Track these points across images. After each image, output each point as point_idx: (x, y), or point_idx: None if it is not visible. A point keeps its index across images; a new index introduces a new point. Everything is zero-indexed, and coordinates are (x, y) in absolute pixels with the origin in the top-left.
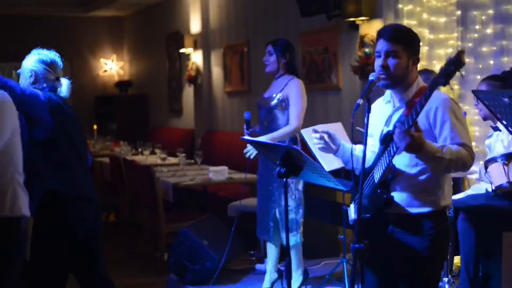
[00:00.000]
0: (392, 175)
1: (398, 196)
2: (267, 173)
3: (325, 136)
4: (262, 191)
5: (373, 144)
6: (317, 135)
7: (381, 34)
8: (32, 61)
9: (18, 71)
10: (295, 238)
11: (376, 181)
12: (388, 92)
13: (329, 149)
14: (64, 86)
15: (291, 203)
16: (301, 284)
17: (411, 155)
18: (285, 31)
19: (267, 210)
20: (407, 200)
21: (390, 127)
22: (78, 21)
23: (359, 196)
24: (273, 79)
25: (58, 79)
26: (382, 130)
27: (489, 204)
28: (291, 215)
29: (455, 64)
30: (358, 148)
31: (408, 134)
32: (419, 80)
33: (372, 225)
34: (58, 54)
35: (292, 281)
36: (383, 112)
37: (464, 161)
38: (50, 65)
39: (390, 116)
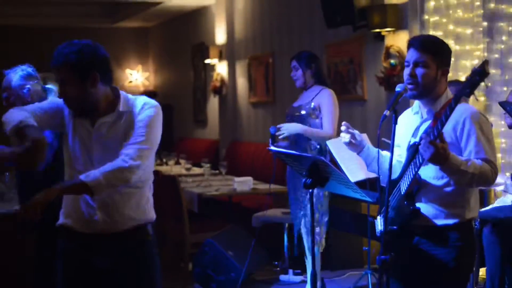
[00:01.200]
0: (418, 187)
1: (424, 208)
2: (293, 187)
3: (354, 132)
4: (290, 204)
5: (400, 154)
6: (344, 127)
7: (411, 43)
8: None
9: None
10: (316, 248)
11: (402, 193)
12: (416, 103)
13: (355, 146)
14: (52, 92)
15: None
16: None
17: (437, 167)
18: (310, 42)
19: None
20: (433, 212)
21: (417, 139)
22: (104, 32)
23: (385, 207)
24: (300, 90)
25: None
26: (409, 141)
27: None
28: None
29: (479, 74)
30: (384, 153)
31: (433, 145)
32: (448, 92)
33: (398, 237)
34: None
35: None
36: (411, 123)
37: (487, 177)
38: (26, 76)
39: (418, 128)
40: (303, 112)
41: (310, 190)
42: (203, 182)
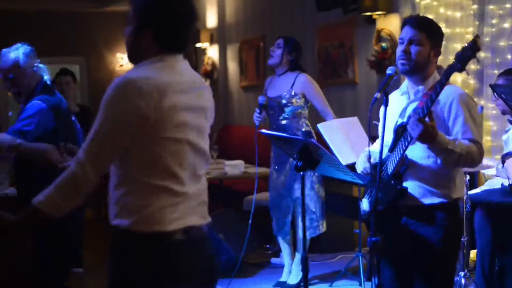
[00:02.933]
0: (406, 167)
1: (411, 188)
2: (282, 170)
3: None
4: (275, 188)
5: (388, 136)
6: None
7: (407, 21)
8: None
9: None
10: (309, 232)
11: (389, 173)
12: (404, 84)
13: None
14: (45, 71)
15: (313, 196)
16: (301, 281)
17: (424, 146)
18: (302, 25)
19: (281, 205)
20: (419, 192)
21: (405, 119)
22: (94, 16)
23: (374, 188)
24: (269, 73)
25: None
26: (396, 122)
27: (505, 199)
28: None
29: (471, 49)
30: (375, 145)
31: (421, 123)
32: (436, 74)
33: (385, 217)
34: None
35: (291, 277)
36: (398, 103)
37: (473, 157)
38: (32, 54)
39: (405, 109)
40: (283, 101)
41: (302, 173)
42: None
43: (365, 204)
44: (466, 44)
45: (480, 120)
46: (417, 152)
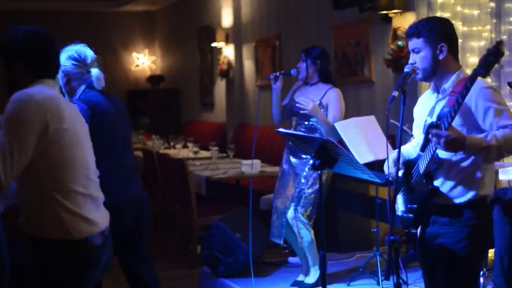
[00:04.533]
0: (436, 166)
1: (441, 186)
2: (293, 176)
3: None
4: (278, 191)
5: (419, 135)
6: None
7: (406, 35)
8: (61, 60)
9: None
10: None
11: (421, 172)
12: (433, 83)
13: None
14: (95, 77)
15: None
16: (318, 280)
17: None
18: (317, 24)
19: (280, 210)
20: (449, 190)
21: (433, 118)
22: (110, 16)
23: (404, 188)
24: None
25: (89, 71)
26: (426, 121)
27: None
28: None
29: (494, 54)
30: (405, 148)
31: (442, 139)
32: (462, 71)
33: (417, 216)
34: (86, 45)
35: (309, 276)
36: (428, 103)
37: None
38: (78, 59)
39: (433, 107)
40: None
41: (319, 172)
42: (210, 165)
43: (400, 204)
44: (488, 49)
45: (506, 104)
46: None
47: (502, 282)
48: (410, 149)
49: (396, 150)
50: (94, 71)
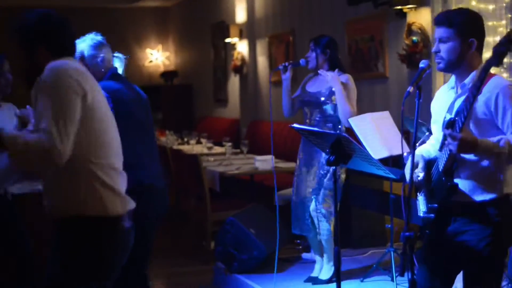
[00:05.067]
0: (456, 163)
1: (462, 184)
2: (311, 168)
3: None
4: (299, 185)
5: (437, 132)
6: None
7: (434, 20)
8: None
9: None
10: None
11: (440, 170)
12: (452, 79)
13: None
14: (118, 63)
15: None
16: (333, 276)
17: None
18: (331, 19)
19: (304, 204)
20: (470, 188)
21: (452, 114)
22: (124, 12)
23: (425, 189)
24: (309, 71)
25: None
26: (445, 117)
27: None
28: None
29: (505, 44)
30: (424, 148)
31: (456, 139)
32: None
33: (438, 214)
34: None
35: (323, 272)
36: (447, 98)
37: None
38: (98, 46)
39: (453, 103)
40: (322, 98)
41: (334, 167)
42: (224, 161)
43: (421, 204)
44: (500, 39)
45: None
46: None
47: None
48: (429, 148)
49: (419, 154)
50: (117, 57)
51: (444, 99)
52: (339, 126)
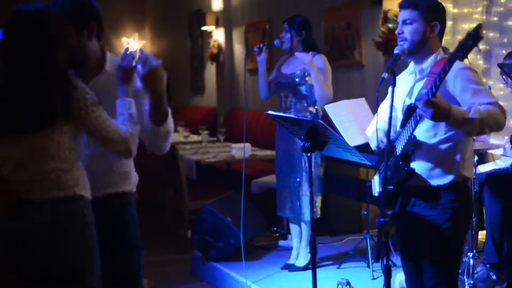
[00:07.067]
0: (413, 148)
1: (419, 168)
2: (288, 149)
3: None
4: (281, 169)
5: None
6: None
7: (399, 5)
8: None
9: None
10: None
11: (397, 154)
12: (411, 64)
13: None
14: None
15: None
16: (309, 263)
17: (430, 126)
18: (307, 7)
19: (289, 185)
20: (427, 172)
21: (412, 99)
22: (99, 0)
23: (383, 168)
24: (284, 53)
25: None
26: (404, 102)
27: None
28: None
29: (473, 38)
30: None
31: (430, 105)
32: (441, 52)
33: (395, 198)
34: None
35: (299, 259)
36: (406, 83)
37: (496, 119)
38: None
39: (412, 88)
40: (297, 79)
41: (309, 154)
42: (201, 149)
43: (376, 184)
44: (468, 32)
45: (484, 83)
46: (424, 132)
47: (492, 251)
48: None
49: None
50: None
51: (403, 84)
52: (315, 107)
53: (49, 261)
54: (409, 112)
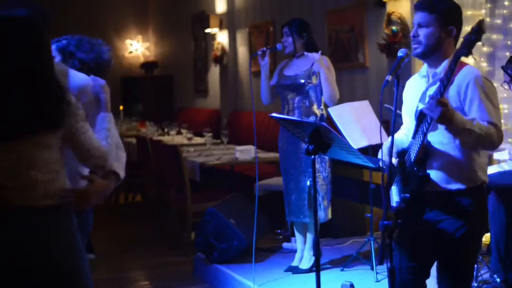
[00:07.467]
0: (428, 153)
1: (435, 174)
2: (295, 152)
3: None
4: (289, 171)
5: (409, 122)
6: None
7: (415, 6)
8: None
9: None
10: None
11: (412, 159)
12: (424, 67)
13: None
14: None
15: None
16: (313, 265)
17: (445, 131)
18: (311, 9)
19: (298, 188)
20: (443, 178)
21: (425, 104)
22: (103, 2)
23: (399, 179)
24: (287, 56)
25: None
26: (417, 107)
27: None
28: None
29: (476, 33)
30: (398, 137)
31: (440, 104)
32: None
33: (411, 206)
34: None
35: (303, 262)
36: (418, 87)
37: (492, 139)
38: None
39: (424, 92)
40: (301, 80)
41: (312, 157)
42: (204, 151)
43: (394, 194)
44: (471, 28)
45: (497, 102)
46: (439, 137)
47: (499, 267)
48: (403, 138)
49: (390, 138)
50: None
51: (415, 88)
52: (321, 107)
53: (38, 267)
54: (422, 117)
